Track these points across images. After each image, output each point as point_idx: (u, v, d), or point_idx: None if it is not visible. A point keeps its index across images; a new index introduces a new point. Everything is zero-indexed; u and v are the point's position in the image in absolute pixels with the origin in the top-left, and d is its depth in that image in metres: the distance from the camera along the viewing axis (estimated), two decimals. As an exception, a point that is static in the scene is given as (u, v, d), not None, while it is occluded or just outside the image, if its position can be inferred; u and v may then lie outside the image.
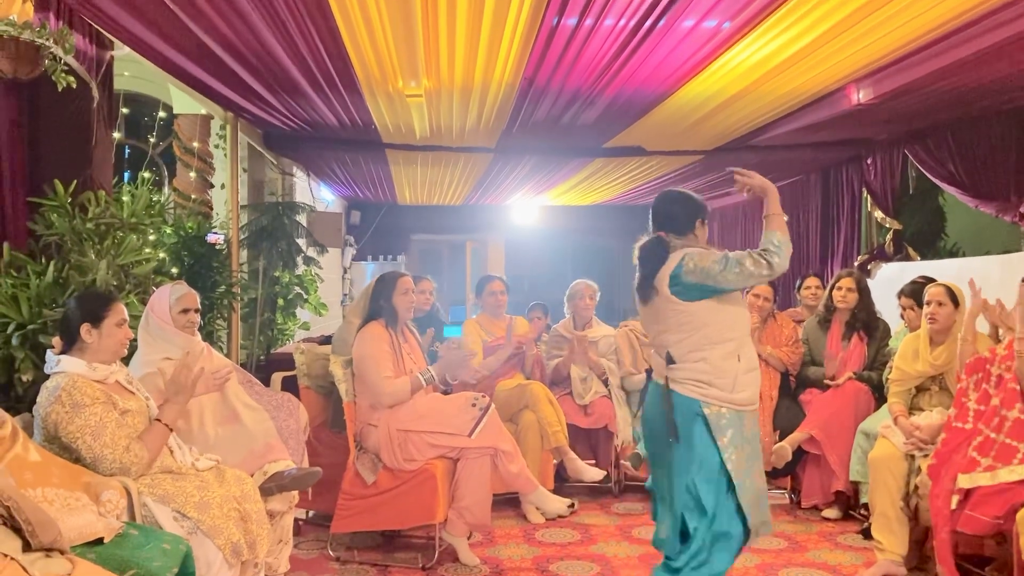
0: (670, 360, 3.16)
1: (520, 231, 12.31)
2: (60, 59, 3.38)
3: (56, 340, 3.07)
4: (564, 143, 7.07)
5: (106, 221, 3.94)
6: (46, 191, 3.74)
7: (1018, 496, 3.35)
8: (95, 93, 4.10)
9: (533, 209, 11.53)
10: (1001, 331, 4.24)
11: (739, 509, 3.13)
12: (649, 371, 5.24)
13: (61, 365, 2.93)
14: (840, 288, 5.29)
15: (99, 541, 2.46)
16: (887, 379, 4.60)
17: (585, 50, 4.51)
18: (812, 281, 6.00)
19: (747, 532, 3.16)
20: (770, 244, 3.13)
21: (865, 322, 5.21)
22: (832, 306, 5.31)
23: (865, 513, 4.74)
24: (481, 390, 4.88)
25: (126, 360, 3.39)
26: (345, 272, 10.80)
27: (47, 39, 3.29)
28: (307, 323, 7.61)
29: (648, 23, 4.09)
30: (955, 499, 3.52)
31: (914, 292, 4.77)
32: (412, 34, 4.26)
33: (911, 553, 4.03)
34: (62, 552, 2.22)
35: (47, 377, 2.96)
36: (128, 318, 3.10)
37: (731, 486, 3.11)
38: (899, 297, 4.98)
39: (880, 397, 4.88)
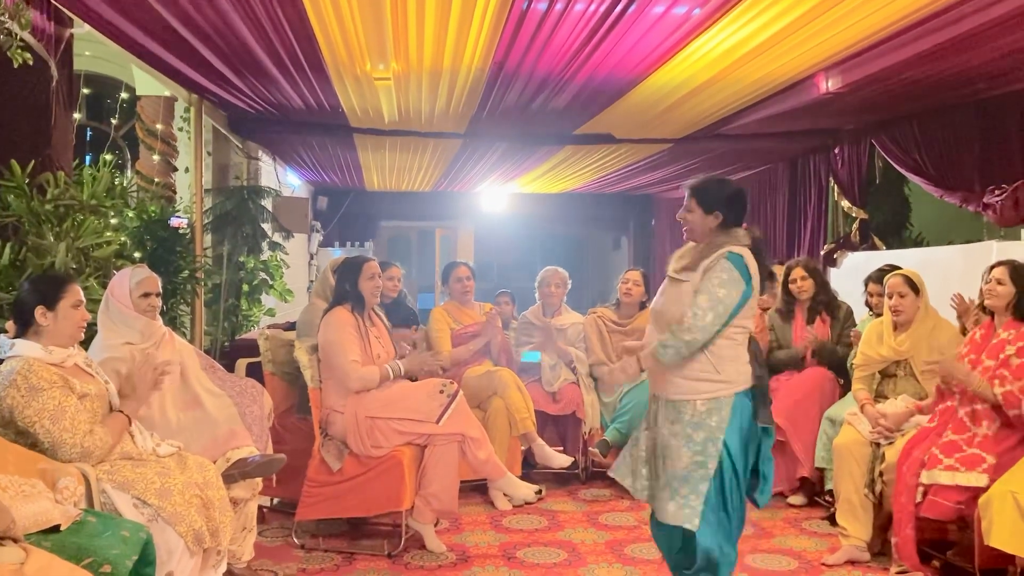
0: None
1: (490, 219, 12.29)
2: (16, 35, 3.29)
3: (10, 324, 2.99)
4: (534, 129, 7.05)
5: (65, 203, 3.85)
6: (2, 171, 3.64)
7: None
8: (54, 72, 4.00)
9: (503, 197, 11.50)
10: (968, 323, 4.29)
11: None
12: None
13: (15, 349, 2.85)
14: (794, 280, 5.30)
15: (55, 529, 2.40)
16: (851, 365, 4.63)
17: (555, 35, 4.49)
18: (776, 269, 6.02)
19: None
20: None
21: (826, 303, 5.26)
22: (791, 299, 5.34)
23: (830, 499, 4.78)
24: (449, 377, 4.85)
25: (85, 345, 3.31)
26: (312, 258, 10.70)
27: (2, 13, 3.19)
28: (272, 309, 7.53)
29: (618, 9, 4.08)
30: (920, 491, 3.56)
31: (881, 278, 4.81)
32: (380, 15, 4.21)
33: (875, 539, 4.07)
34: (15, 540, 2.17)
35: (1, 362, 2.88)
36: (84, 300, 3.02)
37: None
38: (866, 284, 5.02)
39: (845, 382, 4.92)
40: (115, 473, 2.83)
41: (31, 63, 3.46)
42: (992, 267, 3.78)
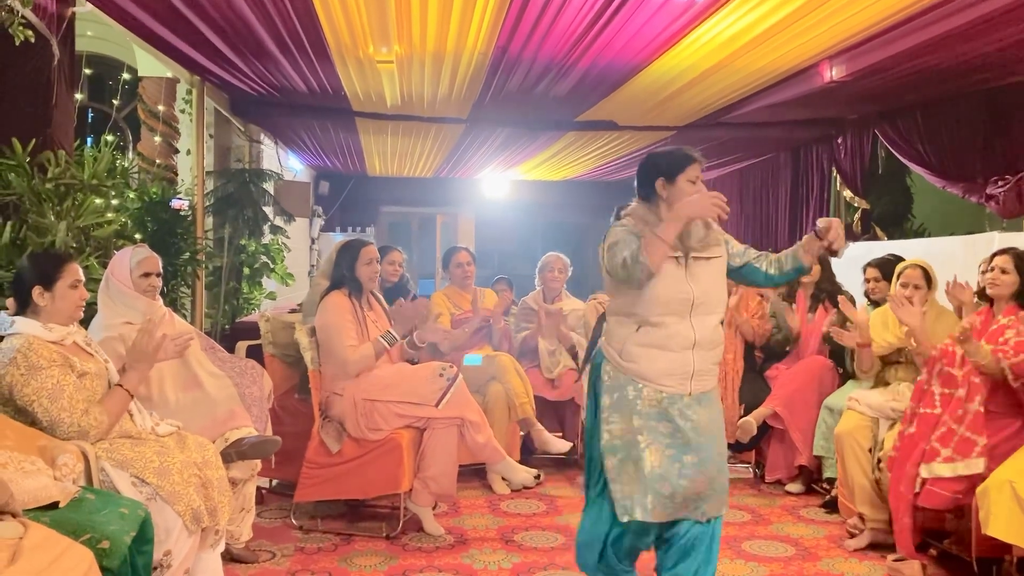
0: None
1: (491, 205, 12.27)
2: (17, 12, 3.28)
3: (10, 301, 2.98)
4: (536, 115, 7.03)
5: (66, 182, 3.84)
6: (3, 149, 3.63)
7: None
8: (55, 51, 3.98)
9: (504, 183, 11.48)
10: (964, 309, 4.28)
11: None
12: None
13: (16, 326, 2.84)
14: None
15: (54, 505, 2.40)
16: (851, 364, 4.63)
17: (559, 19, 4.47)
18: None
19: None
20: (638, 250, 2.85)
21: (830, 292, 5.24)
22: (796, 282, 5.33)
23: (827, 487, 4.80)
24: (448, 361, 4.84)
25: (85, 324, 3.31)
26: (313, 243, 10.70)
27: (3, -10, 3.18)
28: (273, 293, 7.53)
29: (623, -7, 4.06)
30: (918, 481, 3.56)
31: (882, 265, 4.79)
32: (383, -3, 4.19)
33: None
34: (14, 515, 2.17)
35: (1, 339, 2.88)
36: (83, 279, 3.01)
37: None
38: (864, 269, 4.99)
39: (844, 371, 4.92)
40: (114, 451, 2.83)
41: (32, 41, 3.44)
42: (994, 255, 3.77)
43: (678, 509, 2.92)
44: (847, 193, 7.15)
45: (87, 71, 6.80)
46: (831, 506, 4.63)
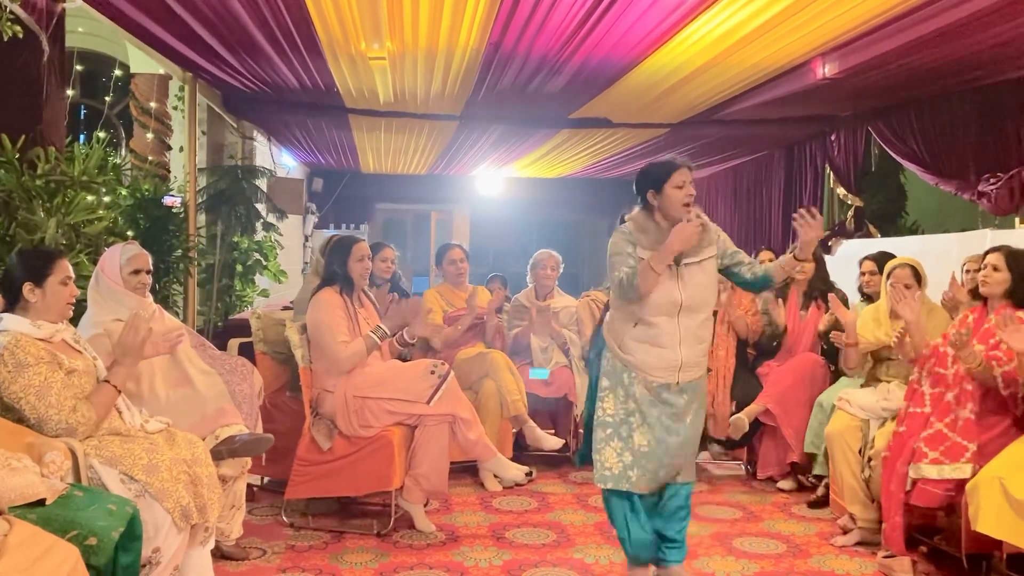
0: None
1: (485, 203, 12.25)
2: (5, 7, 3.26)
3: (-3, 298, 2.97)
4: (530, 112, 7.01)
5: (56, 178, 3.84)
6: (-8, 145, 3.63)
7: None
8: (45, 46, 3.97)
9: (499, 181, 11.46)
10: (960, 309, 4.28)
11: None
12: None
13: (3, 323, 2.83)
14: None
15: (41, 502, 2.39)
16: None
17: (551, 16, 4.46)
18: (766, 255, 5.98)
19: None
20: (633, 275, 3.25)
21: (822, 291, 5.23)
22: (788, 279, 5.32)
23: (814, 482, 4.81)
24: (441, 358, 4.84)
25: (75, 320, 3.30)
26: (306, 240, 10.69)
27: (-9, -15, 3.17)
28: (266, 290, 7.52)
29: (615, -11, 4.06)
30: (909, 480, 3.56)
31: (878, 259, 4.79)
32: (375, -7, 4.18)
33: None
34: (0, 512, 2.17)
35: (-11, 336, 2.86)
36: (73, 275, 2.99)
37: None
38: (860, 263, 4.99)
39: (836, 368, 4.92)
40: (103, 448, 2.82)
41: (21, 36, 3.43)
42: (986, 253, 3.76)
43: (659, 481, 3.41)
44: (840, 190, 7.15)
45: (79, 67, 6.78)
46: (818, 505, 4.65)
